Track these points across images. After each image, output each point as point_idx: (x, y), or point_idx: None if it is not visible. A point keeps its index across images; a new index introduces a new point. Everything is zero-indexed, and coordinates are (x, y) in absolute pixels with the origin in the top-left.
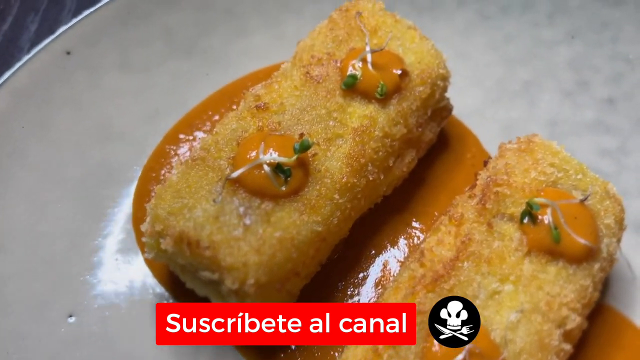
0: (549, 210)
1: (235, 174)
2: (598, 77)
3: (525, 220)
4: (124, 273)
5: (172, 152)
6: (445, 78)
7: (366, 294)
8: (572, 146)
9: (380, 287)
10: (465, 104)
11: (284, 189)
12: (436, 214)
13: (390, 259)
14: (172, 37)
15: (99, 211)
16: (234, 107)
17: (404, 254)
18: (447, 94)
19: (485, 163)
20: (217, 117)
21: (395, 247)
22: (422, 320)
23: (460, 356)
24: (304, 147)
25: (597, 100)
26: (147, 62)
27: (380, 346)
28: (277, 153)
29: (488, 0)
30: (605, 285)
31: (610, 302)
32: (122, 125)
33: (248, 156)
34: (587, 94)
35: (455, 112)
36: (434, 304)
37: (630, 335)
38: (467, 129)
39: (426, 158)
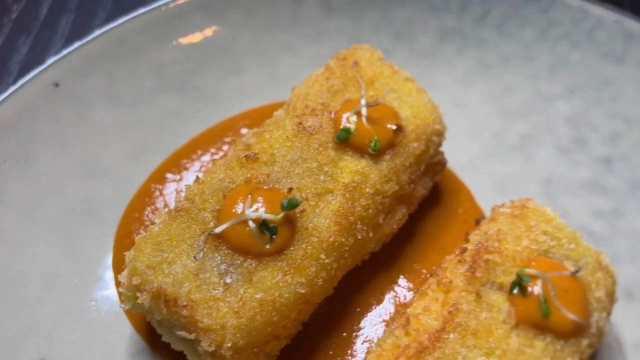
0: (539, 282)
1: (218, 230)
2: (596, 136)
3: (515, 291)
4: (100, 319)
5: (158, 192)
6: (440, 133)
7: (349, 354)
8: (567, 206)
9: (364, 345)
10: (461, 156)
11: (268, 247)
12: (424, 271)
13: (376, 318)
14: (163, 73)
15: (77, 252)
16: (224, 147)
17: (390, 313)
18: (443, 145)
19: (477, 222)
20: (206, 157)
21: (381, 306)
22: None
23: None
24: (292, 205)
25: (593, 159)
26: (136, 96)
27: None
28: (264, 208)
29: (489, 49)
30: (592, 358)
31: None
32: (107, 162)
33: (233, 210)
34: (583, 152)
35: (450, 164)
36: None
37: None
38: (460, 183)
39: (417, 211)
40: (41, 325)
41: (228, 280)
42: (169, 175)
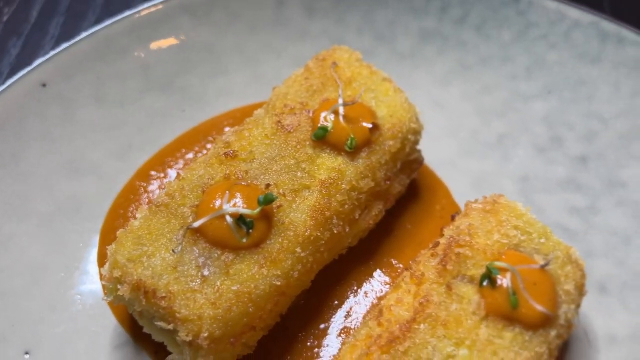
0: (508, 275)
1: (196, 224)
2: (572, 134)
3: (485, 284)
4: (85, 312)
5: (142, 189)
6: (416, 132)
7: (326, 346)
8: (542, 203)
9: (341, 338)
10: (439, 154)
11: (245, 240)
12: (401, 266)
13: (352, 311)
14: (149, 73)
15: (63, 247)
16: (208, 145)
17: (366, 306)
18: (421, 143)
19: (453, 217)
20: (190, 155)
21: (358, 298)
22: None
23: None
24: (268, 200)
25: (569, 157)
26: (122, 96)
27: None
28: (241, 203)
29: (468, 50)
30: (562, 347)
31: None
32: (93, 160)
33: (211, 205)
34: (560, 150)
35: (428, 161)
36: None
37: None
38: (438, 180)
39: (395, 207)
40: (27, 318)
41: (205, 273)
42: (154, 173)
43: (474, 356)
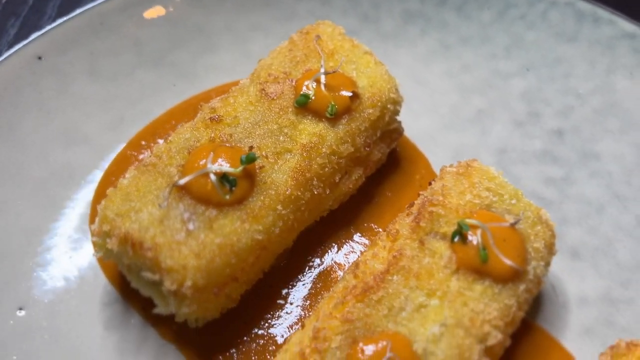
0: (479, 232)
1: (182, 181)
2: (549, 110)
3: (456, 240)
4: (76, 271)
5: (134, 158)
6: (396, 102)
7: (307, 299)
8: (519, 174)
9: (320, 296)
10: (419, 128)
11: (228, 197)
12: (380, 230)
13: (332, 271)
14: (141, 49)
15: (57, 211)
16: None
17: (346, 266)
18: (402, 118)
19: (430, 184)
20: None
21: (338, 260)
22: (349, 328)
23: None
24: (250, 159)
25: (546, 131)
26: (115, 71)
27: (307, 350)
28: (225, 163)
29: (449, 30)
30: (536, 308)
31: (540, 324)
32: (87, 131)
33: (197, 165)
34: (537, 125)
35: (409, 135)
36: (362, 313)
37: (556, 355)
38: (418, 152)
39: (376, 176)
40: (21, 277)
41: (190, 227)
42: (144, 143)
43: (444, 306)
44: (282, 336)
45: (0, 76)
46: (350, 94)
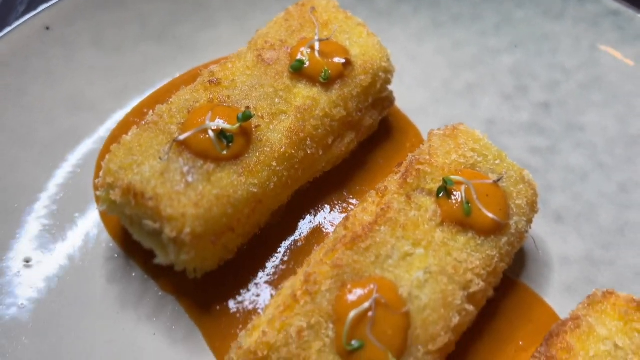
0: (463, 187)
1: (182, 137)
2: (536, 84)
3: (441, 195)
4: (81, 227)
5: (136, 125)
6: (387, 71)
7: (299, 256)
8: (507, 144)
9: (313, 251)
10: (411, 101)
11: (225, 152)
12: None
13: (325, 229)
14: (145, 22)
15: (63, 171)
16: None
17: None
18: (396, 92)
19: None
20: None
21: (331, 219)
22: (338, 273)
23: (367, 304)
24: (246, 117)
25: (533, 104)
26: (120, 43)
27: (299, 292)
28: (222, 120)
29: (441, 9)
30: (520, 266)
31: (524, 281)
32: (92, 98)
33: (196, 122)
34: (525, 98)
35: (401, 108)
36: (350, 259)
37: (538, 310)
38: (410, 122)
39: (368, 143)
40: (27, 230)
41: (189, 179)
42: (146, 110)
43: (429, 255)
44: (277, 287)
45: (10, 45)
46: (343, 61)
